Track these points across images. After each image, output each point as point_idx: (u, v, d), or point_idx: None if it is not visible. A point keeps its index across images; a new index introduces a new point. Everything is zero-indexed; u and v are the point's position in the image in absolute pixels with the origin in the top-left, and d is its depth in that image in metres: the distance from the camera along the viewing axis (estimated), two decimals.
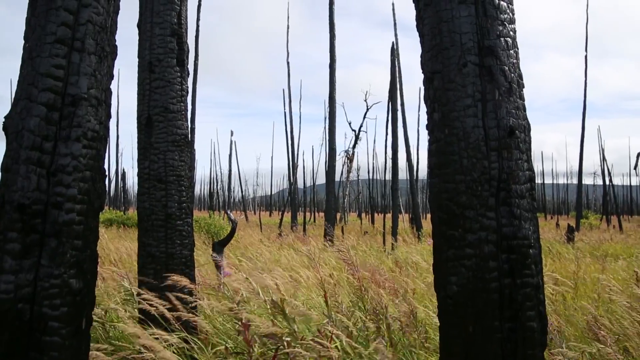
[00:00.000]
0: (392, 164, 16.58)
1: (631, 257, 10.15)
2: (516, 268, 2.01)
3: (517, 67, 2.14)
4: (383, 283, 4.81)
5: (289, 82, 26.94)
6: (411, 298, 4.67)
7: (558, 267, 8.14)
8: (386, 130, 24.26)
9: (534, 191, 2.13)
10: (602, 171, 34.17)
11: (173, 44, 4.37)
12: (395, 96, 17.30)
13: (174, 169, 4.36)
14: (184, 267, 4.34)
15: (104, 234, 11.32)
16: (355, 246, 11.32)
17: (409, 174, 22.22)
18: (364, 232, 21.84)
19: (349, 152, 25.55)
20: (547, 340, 2.18)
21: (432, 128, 2.15)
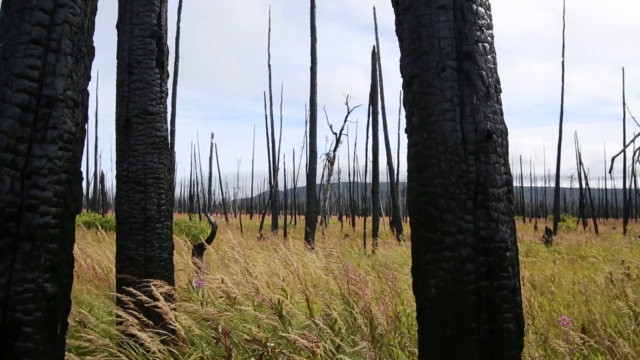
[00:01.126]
0: (372, 167, 16.63)
1: (607, 260, 10.31)
2: (493, 271, 2.03)
3: (494, 72, 2.16)
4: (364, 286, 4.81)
5: (270, 85, 26.92)
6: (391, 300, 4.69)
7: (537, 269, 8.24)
8: (367, 133, 24.35)
9: (511, 194, 2.15)
10: (579, 175, 34.77)
11: (153, 45, 4.33)
12: (376, 99, 17.38)
13: (153, 171, 4.32)
14: (163, 271, 4.30)
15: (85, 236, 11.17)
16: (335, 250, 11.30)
17: (389, 177, 22.32)
18: (344, 235, 21.88)
19: (330, 155, 25.59)
20: (523, 341, 2.21)
21: (410, 132, 2.17)
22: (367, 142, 25.21)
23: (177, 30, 17.67)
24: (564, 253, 12.13)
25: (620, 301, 5.31)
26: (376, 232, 16.04)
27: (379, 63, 20.42)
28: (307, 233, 15.07)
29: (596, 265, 9.40)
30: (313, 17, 16.57)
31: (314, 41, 16.27)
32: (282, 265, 6.09)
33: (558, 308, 5.61)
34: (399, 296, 5.08)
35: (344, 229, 30.39)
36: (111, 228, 17.16)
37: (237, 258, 5.50)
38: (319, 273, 5.92)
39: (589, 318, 4.77)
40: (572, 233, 24.40)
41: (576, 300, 6.01)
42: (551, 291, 6.40)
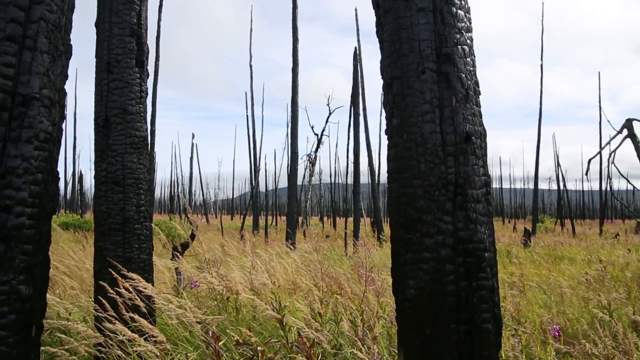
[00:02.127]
0: (354, 168, 16.67)
1: (583, 261, 10.48)
2: (472, 271, 2.05)
3: (473, 75, 2.18)
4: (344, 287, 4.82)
5: (251, 86, 26.82)
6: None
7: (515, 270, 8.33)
8: (348, 134, 24.41)
9: (490, 196, 2.17)
10: (557, 177, 35.26)
11: (132, 44, 4.29)
12: (357, 101, 17.42)
13: (133, 171, 4.28)
14: (142, 272, 4.26)
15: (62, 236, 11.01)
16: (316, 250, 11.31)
17: (370, 178, 22.40)
18: (326, 235, 21.88)
19: (312, 155, 25.60)
20: (501, 341, 2.23)
21: (390, 133, 2.18)
22: (349, 143, 25.29)
23: (158, 30, 17.51)
24: (542, 254, 12.28)
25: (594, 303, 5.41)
26: (357, 233, 16.07)
27: (360, 64, 20.48)
28: (288, 234, 15.05)
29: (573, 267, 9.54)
30: (295, 18, 16.56)
31: (295, 42, 16.26)
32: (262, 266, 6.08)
33: (534, 309, 5.68)
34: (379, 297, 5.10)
35: (325, 230, 30.41)
36: (89, 229, 16.94)
37: (217, 260, 5.47)
38: (299, 273, 5.92)
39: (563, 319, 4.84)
40: (550, 234, 24.76)
41: (552, 301, 6.10)
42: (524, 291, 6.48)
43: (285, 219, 18.29)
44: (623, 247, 14.28)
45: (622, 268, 8.57)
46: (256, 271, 5.53)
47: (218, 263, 5.45)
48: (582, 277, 7.32)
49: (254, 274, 5.41)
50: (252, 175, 27.37)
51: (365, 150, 22.17)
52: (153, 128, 16.69)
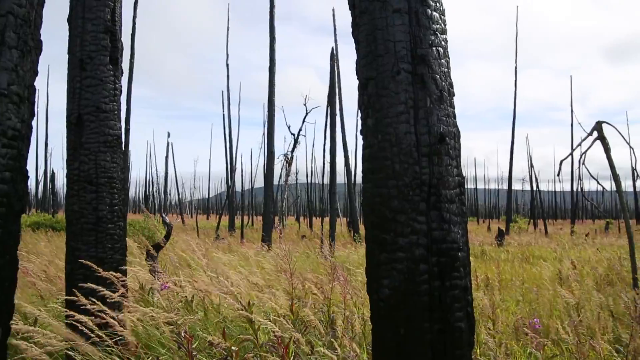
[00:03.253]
0: (330, 168, 16.68)
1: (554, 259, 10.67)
2: (445, 271, 2.07)
3: (448, 76, 2.20)
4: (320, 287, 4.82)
5: (227, 85, 26.68)
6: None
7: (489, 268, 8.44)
8: (325, 134, 24.45)
9: (464, 196, 2.20)
10: (530, 178, 35.85)
11: (106, 41, 4.22)
12: (334, 101, 17.45)
13: (106, 170, 4.22)
14: (115, 272, 4.20)
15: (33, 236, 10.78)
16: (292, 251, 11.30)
17: (347, 179, 22.46)
18: (302, 236, 21.87)
19: (288, 155, 25.54)
20: (474, 340, 2.26)
21: (365, 133, 2.19)
22: (325, 143, 25.32)
23: (133, 27, 17.27)
24: (515, 253, 12.47)
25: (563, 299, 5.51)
26: (333, 233, 16.09)
27: (337, 65, 20.52)
28: (264, 234, 15.00)
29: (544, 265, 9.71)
30: (272, 17, 16.52)
31: (272, 41, 16.22)
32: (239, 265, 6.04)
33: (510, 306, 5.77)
34: (355, 297, 5.12)
35: (302, 230, 30.40)
36: (61, 229, 16.64)
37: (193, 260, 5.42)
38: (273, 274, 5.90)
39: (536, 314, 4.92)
40: (523, 234, 25.13)
41: (525, 299, 6.19)
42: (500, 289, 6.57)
43: (262, 219, 18.23)
44: (592, 247, 14.57)
45: (592, 267, 8.75)
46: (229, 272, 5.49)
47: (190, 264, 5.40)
48: (555, 274, 7.46)
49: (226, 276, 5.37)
50: (228, 175, 27.22)
51: (341, 150, 22.22)
52: (128, 126, 16.47)
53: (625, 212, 6.18)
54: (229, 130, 26.84)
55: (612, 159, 6.09)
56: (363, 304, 4.85)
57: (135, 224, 17.39)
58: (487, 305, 4.63)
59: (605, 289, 6.49)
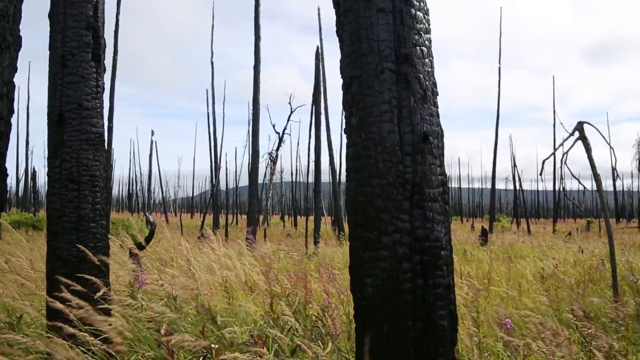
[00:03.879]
0: (315, 167, 16.68)
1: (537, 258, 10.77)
2: (428, 269, 2.08)
3: (431, 76, 2.22)
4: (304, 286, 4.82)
5: (212, 83, 26.49)
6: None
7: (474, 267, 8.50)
8: (309, 133, 24.40)
9: (447, 195, 2.21)
10: (513, 177, 36.19)
11: (88, 37, 4.17)
12: (319, 100, 17.44)
13: (88, 168, 4.17)
14: (97, 272, 4.15)
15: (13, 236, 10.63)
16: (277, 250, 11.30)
17: (331, 177, 22.47)
18: (286, 234, 21.85)
19: (273, 154, 25.52)
20: (457, 338, 2.27)
21: (349, 132, 2.19)
22: (310, 142, 25.26)
23: (116, 24, 17.09)
24: (498, 252, 12.57)
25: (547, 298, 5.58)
26: (318, 232, 16.09)
27: (322, 64, 20.51)
28: (248, 233, 14.95)
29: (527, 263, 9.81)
30: (257, 15, 16.47)
31: (257, 40, 16.17)
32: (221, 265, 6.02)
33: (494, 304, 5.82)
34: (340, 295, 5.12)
35: (287, 229, 30.36)
36: (43, 228, 16.44)
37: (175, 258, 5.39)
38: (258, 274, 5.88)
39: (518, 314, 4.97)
40: (506, 232, 25.33)
41: (509, 296, 6.25)
42: (486, 288, 6.63)
43: (246, 217, 18.18)
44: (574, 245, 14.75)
45: (572, 266, 8.86)
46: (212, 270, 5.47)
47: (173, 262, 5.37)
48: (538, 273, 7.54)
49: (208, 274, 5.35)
50: (212, 173, 27.07)
51: (326, 149, 22.22)
52: (111, 124, 16.29)
53: (606, 212, 6.26)
54: (214, 128, 26.69)
55: (593, 159, 6.16)
56: (349, 302, 4.87)
57: (119, 222, 17.25)
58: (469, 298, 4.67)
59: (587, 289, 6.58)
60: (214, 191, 26.54)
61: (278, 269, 6.56)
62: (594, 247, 12.48)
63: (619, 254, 6.17)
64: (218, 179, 26.90)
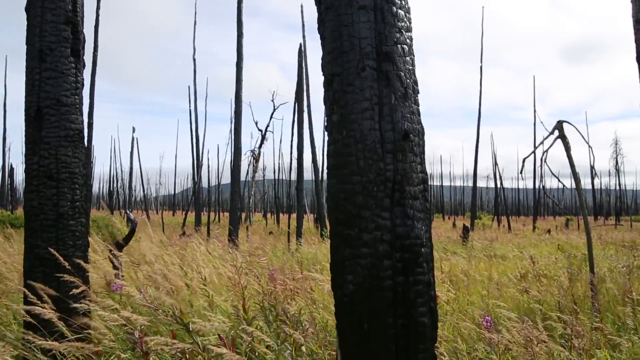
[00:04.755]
0: (297, 164, 16.67)
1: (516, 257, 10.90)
2: (409, 266, 2.09)
3: (412, 73, 2.22)
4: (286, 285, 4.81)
5: (194, 79, 26.36)
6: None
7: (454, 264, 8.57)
8: (292, 130, 24.39)
9: (427, 192, 2.22)
10: (494, 175, 36.57)
11: (67, 32, 4.11)
12: (301, 97, 17.42)
13: (67, 165, 4.12)
14: (76, 270, 4.10)
15: None
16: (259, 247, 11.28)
17: (314, 175, 22.49)
18: (269, 232, 21.82)
19: (255, 151, 25.39)
20: (437, 334, 2.29)
21: (330, 129, 2.19)
22: (293, 139, 25.26)
23: (97, 19, 16.85)
24: (479, 250, 12.69)
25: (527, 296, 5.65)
26: (300, 229, 16.08)
27: (305, 61, 20.49)
28: (230, 231, 14.89)
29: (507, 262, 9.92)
30: (240, 12, 16.37)
31: (240, 36, 16.07)
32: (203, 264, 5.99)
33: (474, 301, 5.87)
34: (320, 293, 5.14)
35: (269, 226, 30.31)
36: (21, 226, 16.19)
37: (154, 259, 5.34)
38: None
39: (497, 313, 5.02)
40: (487, 230, 25.59)
41: (489, 295, 6.31)
42: (466, 285, 6.69)
43: (228, 215, 18.10)
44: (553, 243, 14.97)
45: (552, 263, 8.98)
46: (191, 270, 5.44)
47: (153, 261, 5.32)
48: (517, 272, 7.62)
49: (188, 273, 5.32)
50: (194, 170, 26.93)
51: (309, 146, 22.23)
52: (91, 121, 16.07)
53: (584, 209, 6.36)
54: (196, 125, 26.56)
55: (572, 158, 6.25)
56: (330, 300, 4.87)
57: (99, 220, 17.05)
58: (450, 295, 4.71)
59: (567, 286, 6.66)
60: (196, 188, 26.41)
61: (259, 267, 6.54)
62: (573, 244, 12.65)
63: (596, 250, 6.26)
64: (200, 177, 26.76)
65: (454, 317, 4.56)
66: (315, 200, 24.55)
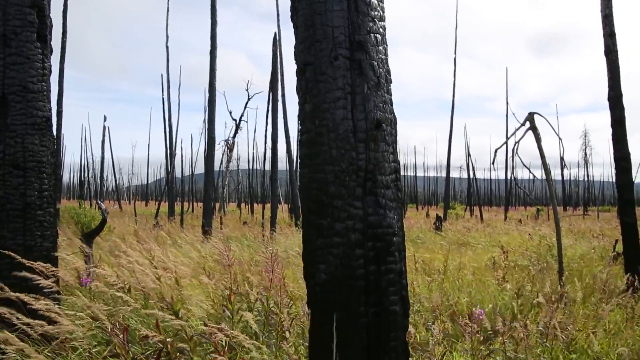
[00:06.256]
0: (271, 154, 16.60)
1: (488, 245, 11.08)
2: (381, 255, 2.10)
3: (385, 63, 2.22)
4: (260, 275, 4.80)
5: (167, 68, 25.93)
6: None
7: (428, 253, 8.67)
8: (267, 120, 24.27)
9: (399, 182, 2.23)
10: (467, 166, 37.00)
11: (33, 16, 3.99)
12: (276, 87, 17.32)
13: (34, 154, 4.02)
14: (45, 261, 4.02)
15: None
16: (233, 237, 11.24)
17: (288, 165, 22.44)
18: (243, 222, 21.73)
19: (229, 141, 25.23)
20: (408, 323, 2.31)
21: (303, 119, 2.18)
22: (267, 129, 25.17)
23: (65, 3, 16.42)
24: (452, 239, 12.85)
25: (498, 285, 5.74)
26: (274, 219, 16.05)
27: (280, 50, 20.35)
28: (204, 221, 14.79)
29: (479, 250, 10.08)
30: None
31: (214, 24, 15.86)
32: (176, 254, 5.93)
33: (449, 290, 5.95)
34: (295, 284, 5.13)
35: (243, 216, 30.19)
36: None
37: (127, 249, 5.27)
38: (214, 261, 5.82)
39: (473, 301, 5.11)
40: (460, 220, 25.91)
41: (463, 283, 6.39)
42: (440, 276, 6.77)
43: (202, 205, 17.96)
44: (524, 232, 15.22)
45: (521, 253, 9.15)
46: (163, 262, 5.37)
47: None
48: (489, 261, 7.75)
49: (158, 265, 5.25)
50: (167, 160, 26.61)
51: (283, 136, 22.15)
52: (60, 109, 15.73)
53: (554, 200, 6.48)
54: (169, 114, 26.18)
55: (542, 149, 6.36)
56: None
57: (70, 210, 16.73)
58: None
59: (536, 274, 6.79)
60: (169, 178, 26.12)
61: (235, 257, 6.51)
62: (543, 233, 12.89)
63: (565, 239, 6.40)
64: (173, 166, 26.47)
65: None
66: (290, 190, 24.53)
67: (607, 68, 6.80)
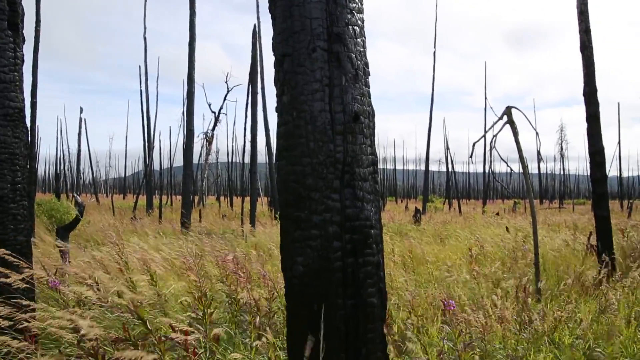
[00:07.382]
0: (251, 147, 16.50)
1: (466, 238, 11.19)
2: (358, 248, 2.11)
3: (363, 55, 2.22)
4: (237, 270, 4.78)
5: (145, 59, 25.60)
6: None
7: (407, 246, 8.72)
8: (246, 113, 24.10)
9: (377, 174, 2.24)
10: (446, 159, 37.37)
11: (3, 3, 3.89)
12: (255, 79, 17.21)
13: (7, 146, 3.93)
14: (19, 255, 3.95)
15: None
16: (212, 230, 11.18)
17: (268, 158, 22.40)
18: (222, 215, 21.62)
19: (209, 134, 24.98)
20: (386, 314, 2.32)
21: (281, 110, 2.17)
22: (246, 122, 24.98)
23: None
24: (430, 232, 12.96)
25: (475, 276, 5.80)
26: (254, 213, 15.99)
27: (259, 42, 20.23)
28: (183, 214, 14.68)
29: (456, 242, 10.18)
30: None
31: (193, 15, 15.69)
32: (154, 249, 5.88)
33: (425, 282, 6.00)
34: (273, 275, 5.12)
35: (222, 210, 30.03)
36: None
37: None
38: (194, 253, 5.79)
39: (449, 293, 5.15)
40: (439, 213, 26.13)
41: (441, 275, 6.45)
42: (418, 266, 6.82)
43: (181, 198, 17.80)
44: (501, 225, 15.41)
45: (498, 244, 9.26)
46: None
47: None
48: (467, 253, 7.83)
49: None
50: (146, 153, 26.31)
51: (263, 129, 22.06)
52: (34, 100, 15.39)
53: (530, 193, 6.56)
54: (147, 106, 25.87)
55: (519, 143, 6.42)
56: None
57: (45, 203, 16.46)
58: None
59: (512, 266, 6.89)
60: (148, 171, 25.83)
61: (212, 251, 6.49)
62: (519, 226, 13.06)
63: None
64: (152, 159, 26.19)
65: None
66: (270, 183, 24.46)
67: (582, 64, 6.90)
